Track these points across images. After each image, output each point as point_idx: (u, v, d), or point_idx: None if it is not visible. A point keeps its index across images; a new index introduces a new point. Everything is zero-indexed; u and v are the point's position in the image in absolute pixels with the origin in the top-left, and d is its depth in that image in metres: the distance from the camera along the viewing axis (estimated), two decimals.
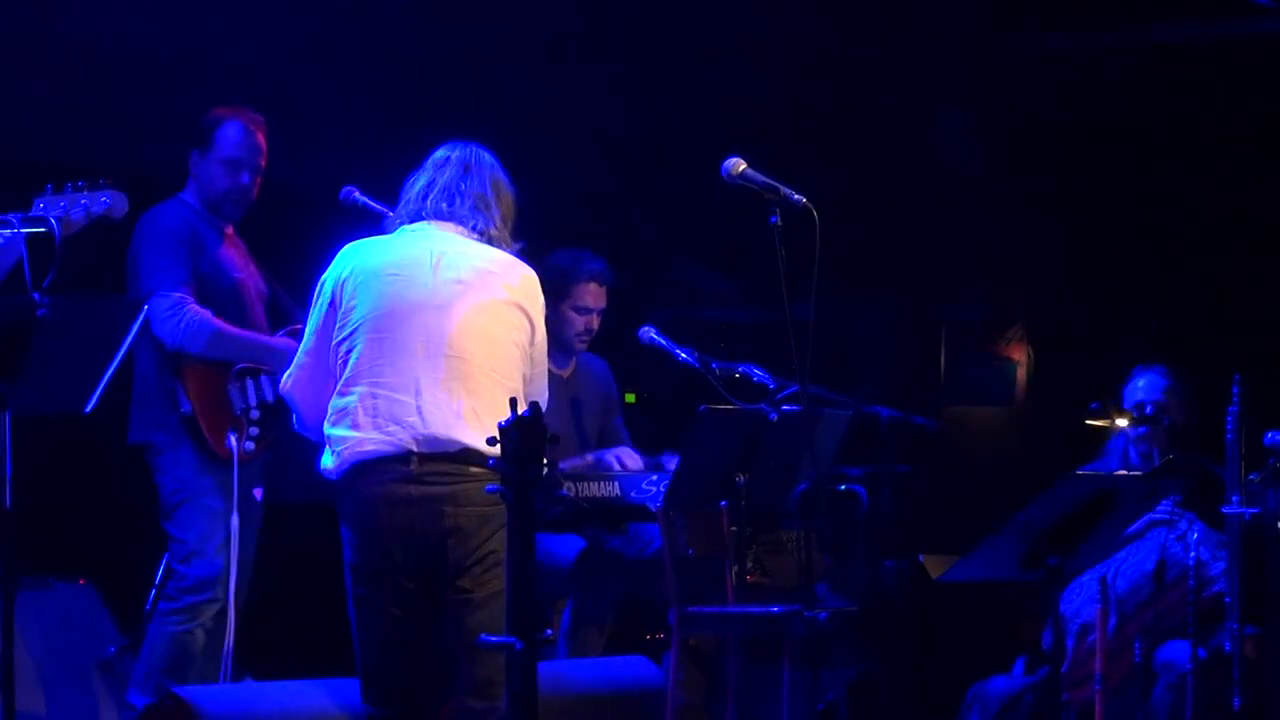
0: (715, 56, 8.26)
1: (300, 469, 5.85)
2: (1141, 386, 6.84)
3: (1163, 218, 8.48)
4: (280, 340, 6.13)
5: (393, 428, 4.81)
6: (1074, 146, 8.63)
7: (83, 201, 4.76)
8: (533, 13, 7.71)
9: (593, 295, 6.88)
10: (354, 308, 4.91)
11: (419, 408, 4.79)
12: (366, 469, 4.85)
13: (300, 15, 7.27)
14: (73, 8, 6.91)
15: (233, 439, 5.95)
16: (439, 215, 5.00)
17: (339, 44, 7.49)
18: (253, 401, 6.07)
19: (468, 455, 4.79)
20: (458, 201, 4.99)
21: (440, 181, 5.03)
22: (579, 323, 6.87)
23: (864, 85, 8.52)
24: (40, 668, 6.37)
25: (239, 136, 6.16)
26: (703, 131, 7.86)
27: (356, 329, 4.91)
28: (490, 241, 5.01)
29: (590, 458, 6.72)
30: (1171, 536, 6.55)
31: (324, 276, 5.05)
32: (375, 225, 5.85)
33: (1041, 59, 8.60)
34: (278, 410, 6.08)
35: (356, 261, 4.97)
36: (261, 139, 6.22)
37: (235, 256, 6.23)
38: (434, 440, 4.79)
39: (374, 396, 4.84)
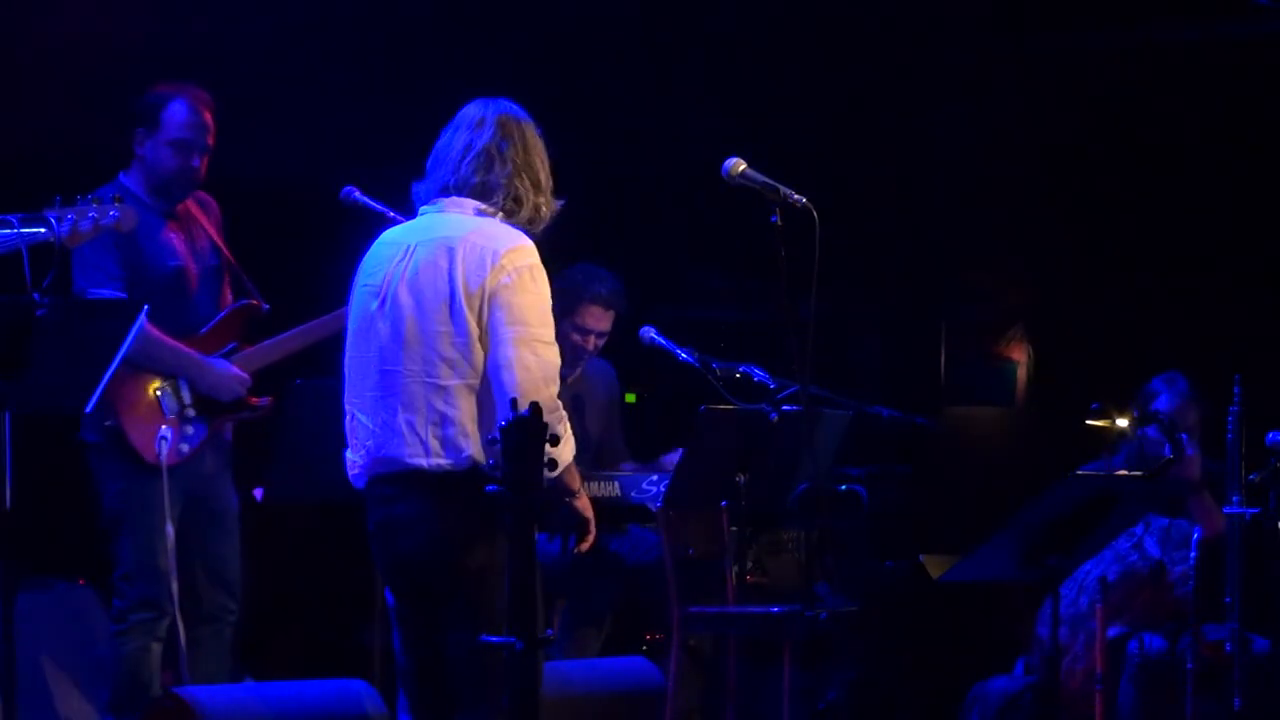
0: (716, 56, 8.26)
1: (301, 469, 5.85)
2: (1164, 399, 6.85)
3: (1163, 218, 8.48)
4: (216, 361, 5.93)
5: (361, 451, 4.71)
6: (1074, 146, 8.63)
7: (91, 214, 4.77)
8: (533, 12, 7.72)
9: (594, 317, 6.81)
10: (347, 322, 4.85)
11: (373, 430, 4.67)
12: (363, 491, 4.80)
13: (301, 14, 7.27)
14: (74, 3, 6.91)
15: (161, 446, 5.77)
16: (463, 192, 4.71)
17: (339, 43, 7.49)
18: (188, 400, 5.89)
19: (412, 475, 4.62)
20: (495, 167, 4.69)
21: (478, 145, 4.72)
22: (575, 339, 6.79)
23: (864, 85, 8.53)
24: (40, 668, 6.37)
25: (186, 116, 5.92)
26: (703, 131, 7.87)
27: (346, 345, 4.84)
28: (511, 216, 4.70)
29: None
30: (1128, 545, 6.53)
31: None
32: (375, 225, 5.85)
33: (1041, 59, 8.60)
34: (217, 403, 5.95)
35: (359, 271, 4.86)
36: (209, 117, 5.98)
37: (176, 241, 6.00)
38: (384, 462, 4.66)
39: (353, 419, 4.76)
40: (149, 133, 5.94)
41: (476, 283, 4.59)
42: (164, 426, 5.83)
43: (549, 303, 4.66)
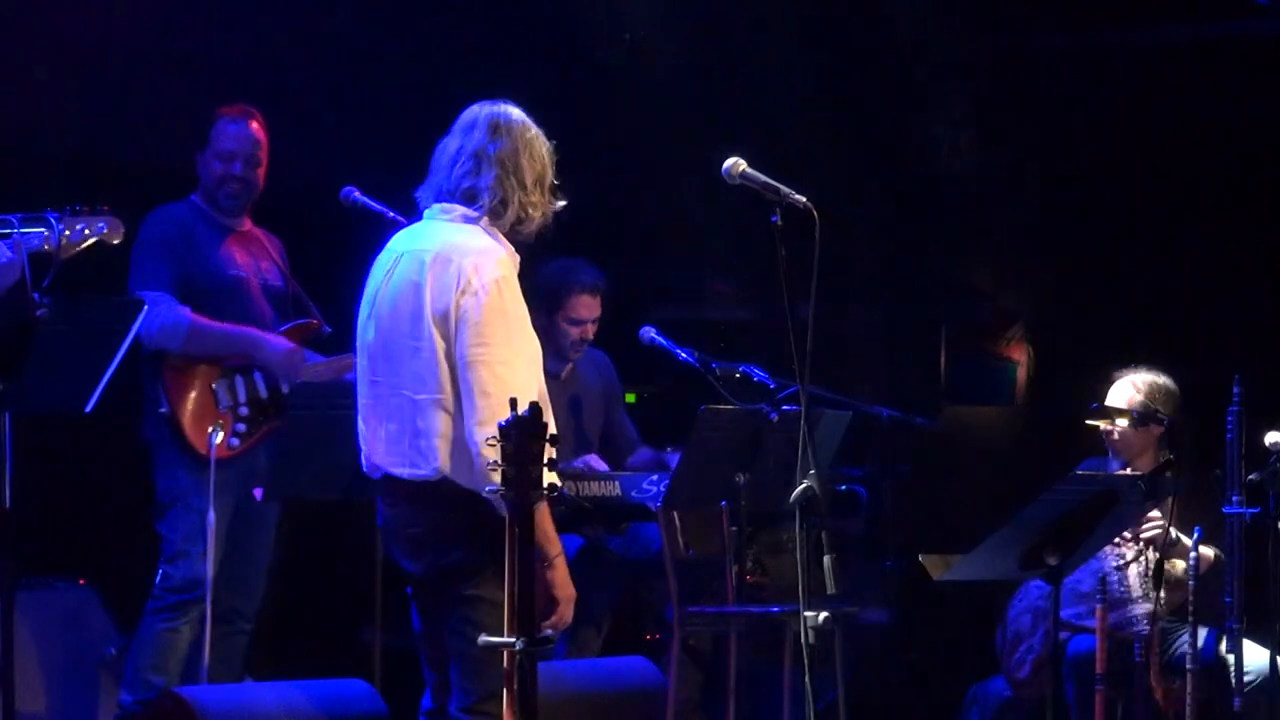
0: (714, 56, 8.26)
1: (300, 468, 5.86)
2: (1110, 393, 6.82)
3: (1163, 218, 8.48)
4: (270, 335, 6.14)
5: (362, 457, 4.79)
6: (1074, 146, 8.63)
7: (80, 225, 4.79)
8: (533, 12, 7.72)
9: (586, 306, 6.85)
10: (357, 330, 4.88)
11: (366, 437, 4.74)
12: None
13: (301, 14, 7.27)
14: (73, 4, 6.91)
15: (213, 437, 5.94)
16: (454, 198, 4.73)
17: (339, 43, 7.49)
18: (242, 398, 6.09)
19: (395, 483, 4.69)
20: (483, 169, 4.69)
21: (468, 148, 4.73)
22: (573, 333, 6.85)
23: (864, 85, 8.52)
24: (40, 668, 6.37)
25: (227, 128, 6.24)
26: (702, 131, 7.87)
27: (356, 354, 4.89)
28: (497, 218, 4.70)
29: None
30: (1115, 564, 6.51)
31: None
32: (375, 225, 5.86)
33: (1043, 59, 8.60)
34: (272, 406, 6.09)
35: (368, 278, 4.87)
36: (255, 128, 6.26)
37: (238, 253, 6.25)
38: (375, 469, 4.74)
39: (357, 424, 4.83)
40: (201, 152, 6.28)
41: (444, 300, 4.61)
42: (216, 420, 6.01)
43: (519, 318, 4.65)
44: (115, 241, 4.99)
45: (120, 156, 6.89)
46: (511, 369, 4.58)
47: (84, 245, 4.83)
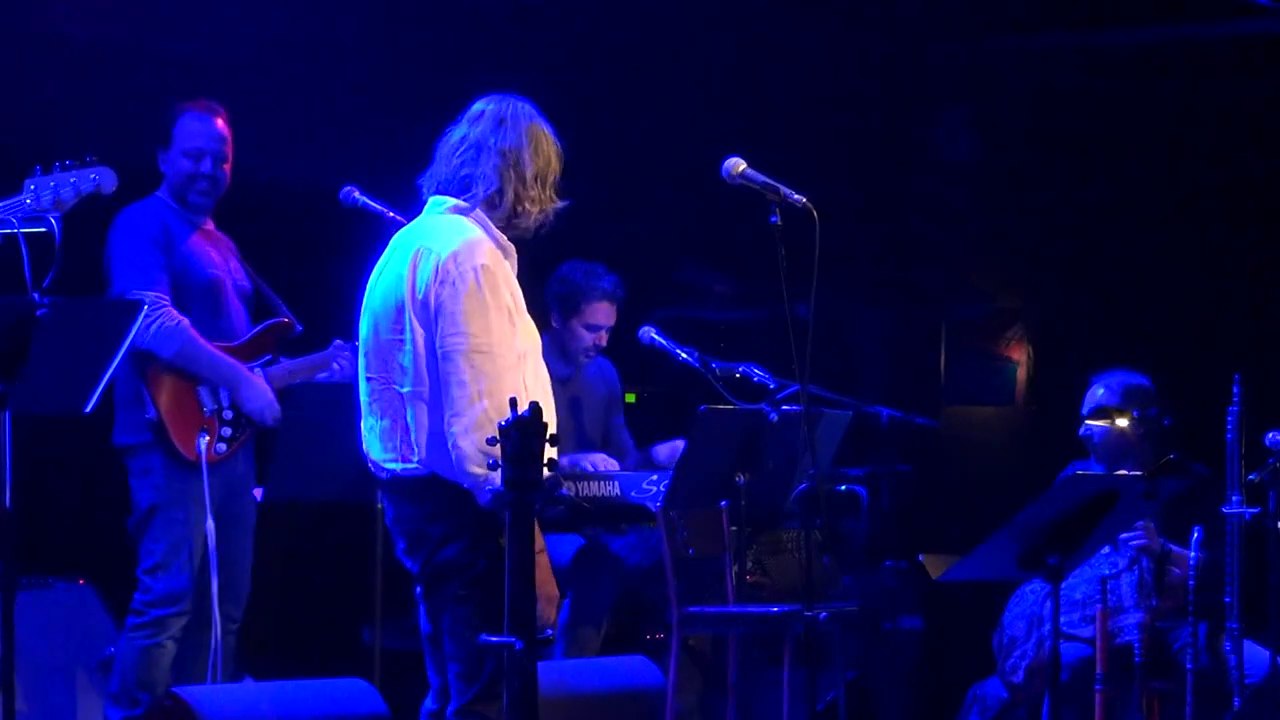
0: (715, 56, 8.26)
1: (300, 468, 5.86)
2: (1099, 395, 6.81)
3: (1163, 217, 8.48)
4: (254, 377, 6.01)
5: (365, 455, 4.80)
6: (1073, 146, 8.63)
7: (72, 180, 4.73)
8: (532, 13, 7.72)
9: (604, 313, 6.87)
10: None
11: (363, 434, 4.75)
12: None
13: (301, 14, 7.27)
14: (70, 3, 6.91)
15: (201, 442, 5.88)
16: (451, 187, 4.74)
17: (338, 42, 7.49)
18: (225, 402, 5.98)
19: (388, 478, 4.71)
20: (481, 159, 4.70)
21: (471, 137, 4.73)
22: (588, 339, 6.86)
23: (864, 85, 8.53)
24: (40, 668, 6.37)
25: (194, 125, 6.09)
26: (703, 131, 7.87)
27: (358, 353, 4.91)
28: (492, 209, 4.71)
29: (565, 460, 6.69)
30: (1109, 572, 6.50)
31: None
32: (374, 225, 5.86)
33: (1041, 59, 8.60)
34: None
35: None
36: (220, 124, 6.12)
37: (212, 252, 6.13)
38: (373, 465, 4.75)
39: (361, 422, 4.83)
40: (165, 149, 6.11)
41: (424, 291, 4.61)
42: (202, 425, 5.92)
43: (503, 309, 4.63)
44: (108, 192, 4.91)
45: (117, 157, 6.87)
46: (491, 358, 4.56)
47: (77, 200, 4.77)
